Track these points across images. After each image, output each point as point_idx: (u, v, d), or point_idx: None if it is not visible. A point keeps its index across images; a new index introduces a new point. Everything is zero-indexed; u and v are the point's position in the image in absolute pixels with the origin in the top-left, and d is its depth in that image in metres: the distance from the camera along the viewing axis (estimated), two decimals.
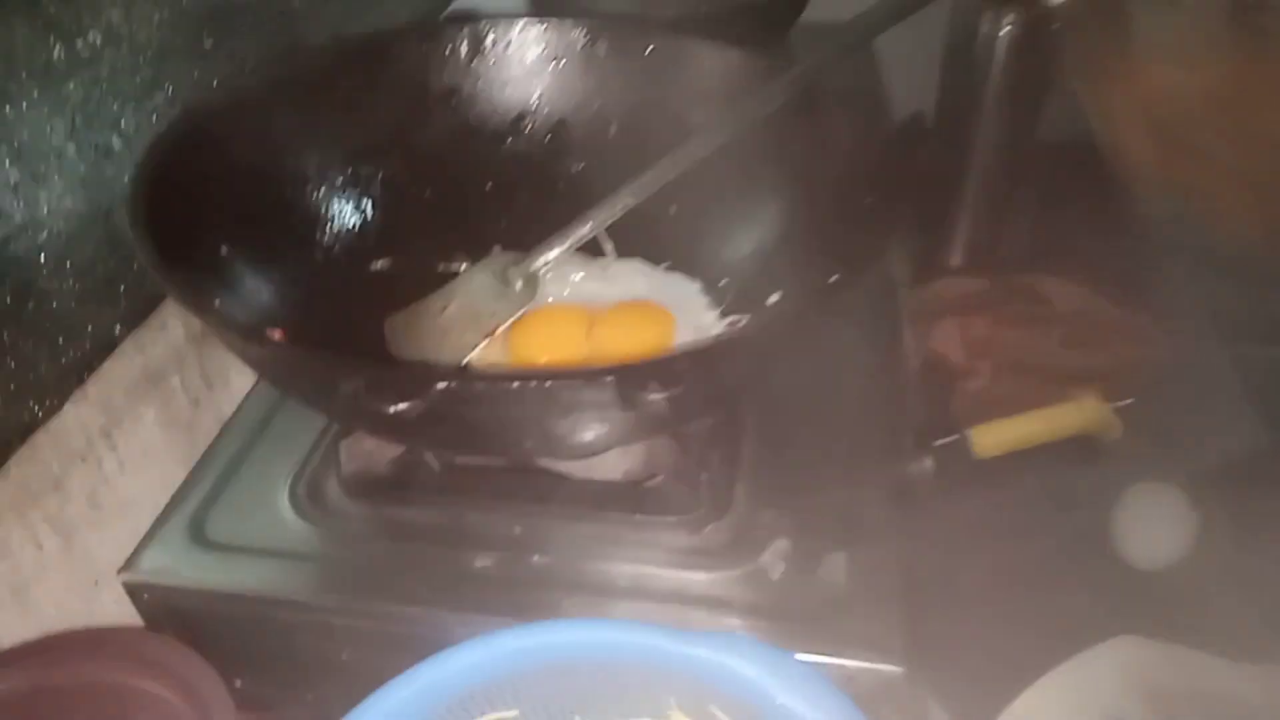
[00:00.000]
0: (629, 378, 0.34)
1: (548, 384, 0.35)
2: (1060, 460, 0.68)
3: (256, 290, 0.51)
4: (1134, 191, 0.87)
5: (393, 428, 0.43)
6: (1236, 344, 0.74)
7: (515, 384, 0.35)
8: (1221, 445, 0.67)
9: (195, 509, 0.53)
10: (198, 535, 0.51)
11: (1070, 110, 0.86)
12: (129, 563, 0.51)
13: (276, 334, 0.45)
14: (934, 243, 0.92)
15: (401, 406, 0.32)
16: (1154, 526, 0.65)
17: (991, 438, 0.68)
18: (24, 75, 0.47)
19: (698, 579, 0.47)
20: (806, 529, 0.49)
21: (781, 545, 0.47)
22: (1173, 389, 0.72)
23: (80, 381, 0.51)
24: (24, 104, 0.47)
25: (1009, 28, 0.79)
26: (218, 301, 0.47)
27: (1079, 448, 0.69)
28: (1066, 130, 0.89)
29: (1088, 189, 0.97)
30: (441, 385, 0.33)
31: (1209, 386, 0.70)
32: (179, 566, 0.50)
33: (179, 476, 0.56)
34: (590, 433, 0.41)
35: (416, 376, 0.33)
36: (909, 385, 0.68)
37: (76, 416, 0.51)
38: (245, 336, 0.40)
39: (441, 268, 0.60)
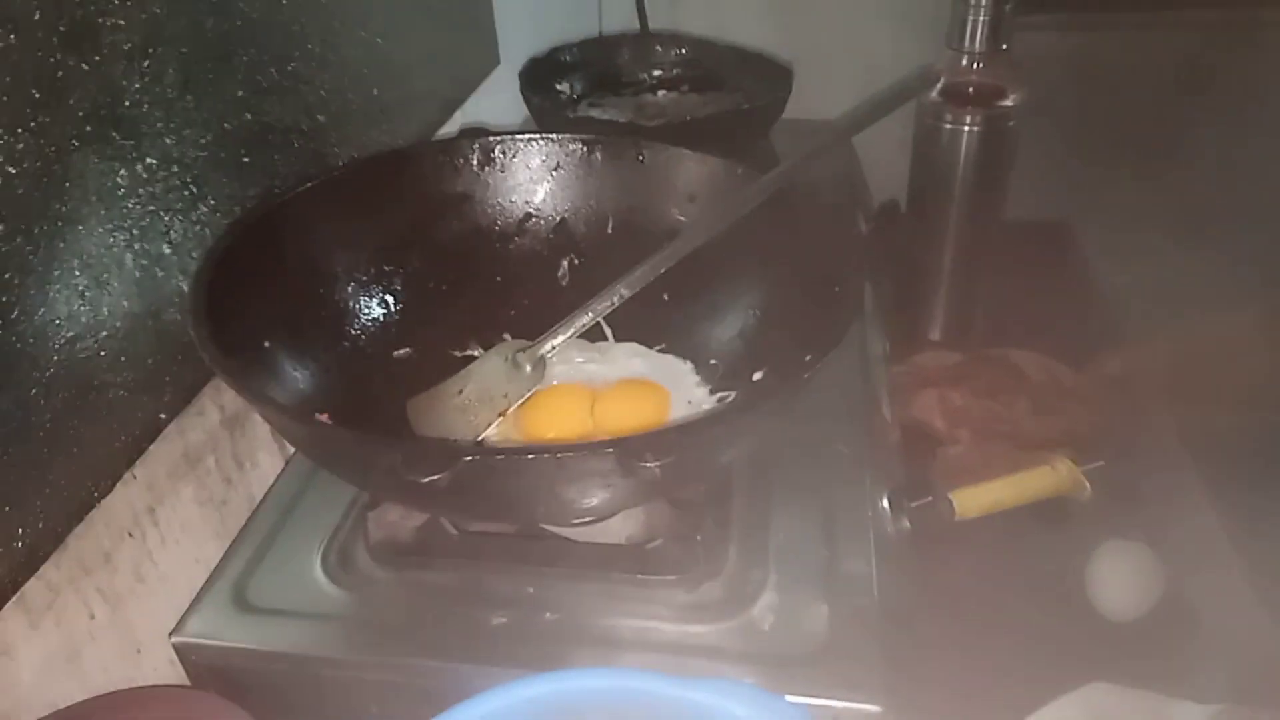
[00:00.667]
0: (627, 449, 0.39)
1: (558, 456, 0.40)
2: (1033, 519, 0.73)
3: (294, 379, 0.57)
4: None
5: (422, 497, 0.48)
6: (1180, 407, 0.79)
7: (530, 457, 0.40)
8: (1178, 502, 0.71)
9: (238, 576, 0.57)
10: (240, 600, 0.55)
11: (1027, 193, 0.93)
12: (179, 626, 0.55)
13: (323, 417, 0.50)
14: (913, 319, 0.99)
15: (434, 477, 0.37)
16: (1123, 581, 0.69)
17: (972, 500, 0.72)
18: (94, 199, 0.53)
19: (696, 631, 0.51)
20: (793, 584, 0.53)
21: (770, 599, 0.52)
22: (1133, 451, 0.77)
23: (129, 464, 0.56)
24: (92, 222, 0.53)
25: (972, 125, 0.86)
26: (265, 390, 0.53)
27: (1051, 507, 0.74)
28: (1027, 210, 0.96)
29: (1050, 265, 1.04)
30: (467, 459, 0.38)
31: (1161, 448, 0.75)
32: (224, 629, 0.54)
33: (212, 549, 0.60)
34: (595, 498, 0.46)
35: (446, 451, 0.38)
36: (889, 451, 0.73)
37: (125, 496, 0.55)
38: (297, 420, 0.46)
39: (457, 354, 0.66)
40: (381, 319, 0.65)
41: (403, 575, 0.55)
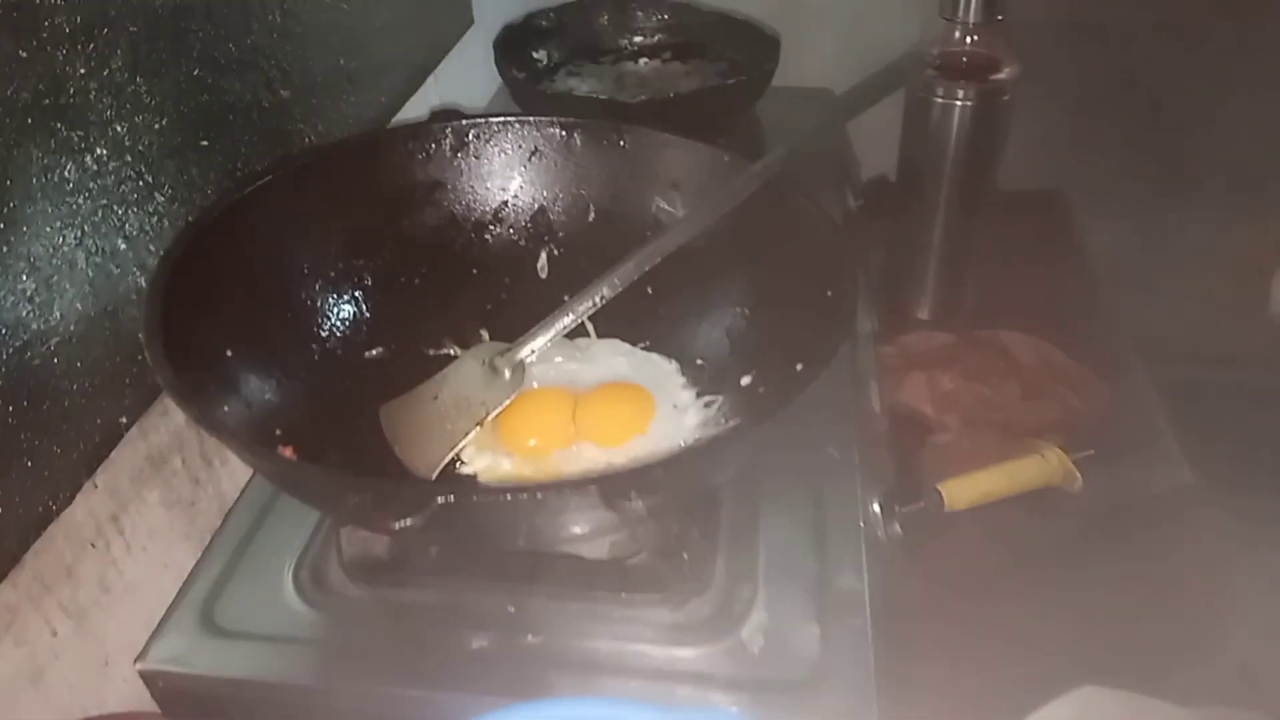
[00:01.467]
0: (612, 487, 0.37)
1: (539, 495, 0.38)
2: (1025, 512, 0.72)
3: (259, 389, 0.54)
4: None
5: (395, 533, 0.46)
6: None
7: (508, 496, 0.38)
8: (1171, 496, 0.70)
9: (205, 596, 0.54)
10: (208, 623, 0.53)
11: (1020, 166, 0.91)
12: (144, 652, 0.52)
13: (287, 451, 0.47)
14: (902, 297, 0.96)
15: (405, 522, 0.35)
16: None
17: (961, 492, 0.71)
18: (39, 195, 0.50)
19: (682, 655, 0.49)
20: (783, 602, 0.52)
21: (760, 619, 0.50)
22: (1120, 439, 0.76)
23: (90, 472, 0.53)
24: (39, 221, 0.50)
25: (965, 100, 0.83)
26: (225, 407, 0.50)
27: (1042, 499, 0.73)
28: (1020, 179, 0.94)
29: (1044, 241, 1.02)
30: (441, 500, 0.36)
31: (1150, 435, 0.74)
32: (191, 655, 0.51)
33: (182, 553, 0.58)
34: (577, 529, 0.44)
35: (418, 492, 0.35)
36: (878, 446, 0.71)
37: (86, 506, 0.53)
38: (257, 454, 0.43)
39: (431, 353, 0.63)
40: (351, 318, 0.62)
41: (378, 593, 0.53)
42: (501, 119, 0.64)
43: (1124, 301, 0.97)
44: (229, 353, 0.53)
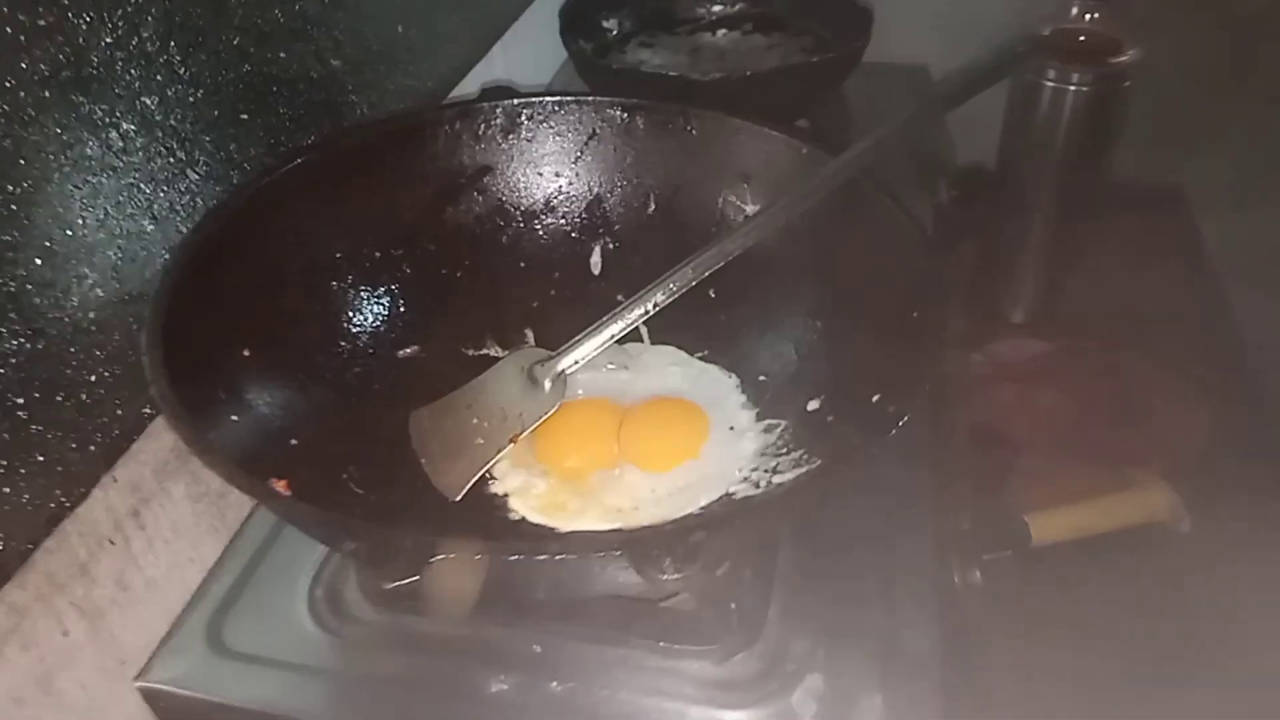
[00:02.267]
0: (643, 555, 0.31)
1: (556, 558, 0.32)
2: (1122, 553, 0.65)
3: (277, 394, 0.49)
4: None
5: None
6: None
7: (520, 558, 0.33)
8: None
9: (215, 610, 0.51)
10: (215, 641, 0.50)
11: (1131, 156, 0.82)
12: (146, 669, 0.50)
13: (280, 485, 0.43)
14: (994, 298, 0.88)
15: (402, 582, 0.30)
16: None
17: (1050, 525, 0.65)
18: (55, 175, 0.47)
19: (725, 718, 0.44)
20: (843, 662, 0.46)
21: (815, 682, 0.44)
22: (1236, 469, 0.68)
23: (109, 466, 0.51)
24: (56, 202, 0.47)
25: (1079, 85, 0.74)
26: (234, 417, 0.46)
27: (1143, 539, 0.65)
28: (1129, 175, 0.84)
29: (1159, 243, 0.93)
30: (442, 558, 0.31)
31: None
32: (195, 676, 0.48)
33: (210, 548, 0.56)
34: (600, 586, 0.39)
35: (416, 549, 0.31)
36: (958, 472, 0.64)
37: (104, 501, 0.50)
38: (249, 487, 0.39)
39: (471, 353, 0.59)
40: (386, 313, 0.58)
41: (396, 620, 0.49)
42: (557, 99, 0.59)
43: (1245, 310, 0.87)
44: (246, 352, 0.49)
